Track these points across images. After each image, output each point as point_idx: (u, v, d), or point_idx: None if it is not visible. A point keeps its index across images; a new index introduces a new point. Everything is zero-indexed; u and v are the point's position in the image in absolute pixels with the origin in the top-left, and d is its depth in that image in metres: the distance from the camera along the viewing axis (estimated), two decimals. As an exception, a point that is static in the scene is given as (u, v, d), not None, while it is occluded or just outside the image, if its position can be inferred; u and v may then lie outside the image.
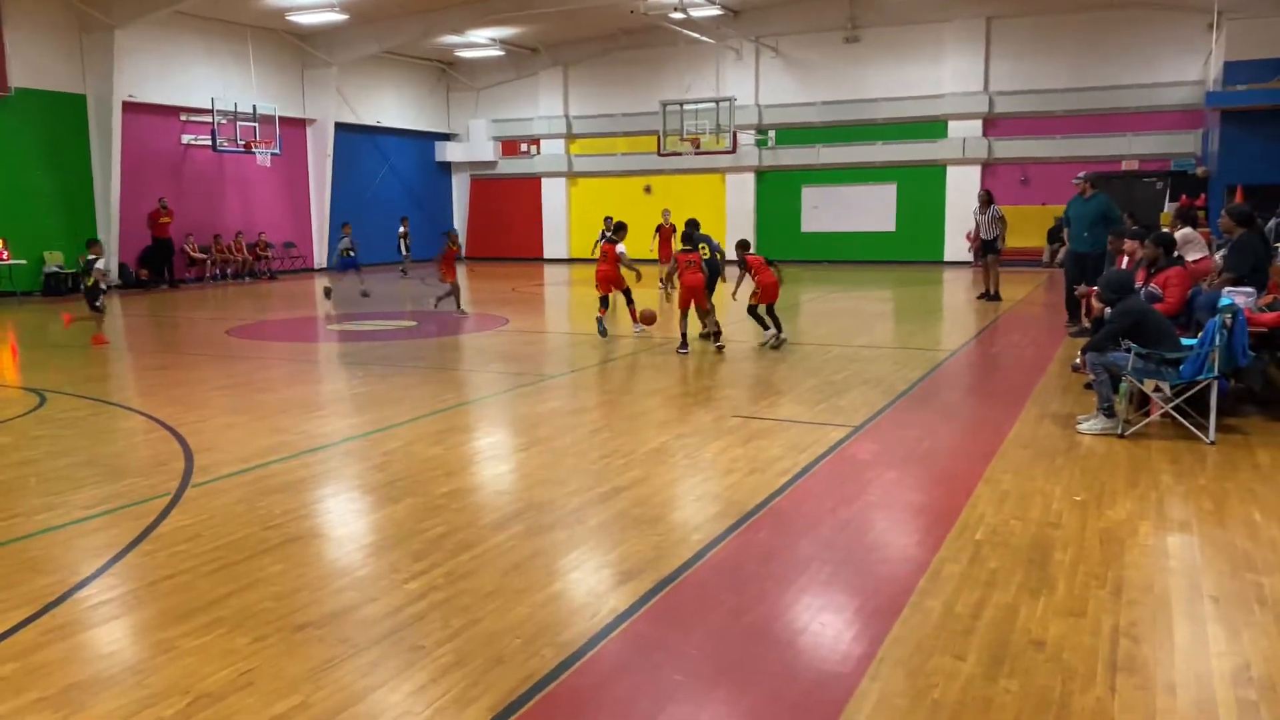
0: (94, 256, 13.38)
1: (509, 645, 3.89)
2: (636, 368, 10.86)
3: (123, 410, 8.80)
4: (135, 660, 3.81)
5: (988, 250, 17.55)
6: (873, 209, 28.07)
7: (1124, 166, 24.90)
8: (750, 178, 29.22)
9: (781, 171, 28.95)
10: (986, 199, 17.74)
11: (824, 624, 4.12)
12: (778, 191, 29.09)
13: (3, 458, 7.12)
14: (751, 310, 12.19)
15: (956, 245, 25.44)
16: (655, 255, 20.43)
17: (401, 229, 25.23)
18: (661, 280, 18.49)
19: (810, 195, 28.78)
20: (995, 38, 26.15)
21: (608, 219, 17.31)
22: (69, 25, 21.27)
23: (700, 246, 11.97)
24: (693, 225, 12.82)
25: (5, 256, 19.85)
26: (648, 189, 30.30)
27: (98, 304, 13.40)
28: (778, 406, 8.49)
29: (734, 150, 27.28)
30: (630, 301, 13.30)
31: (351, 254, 18.74)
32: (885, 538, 5.28)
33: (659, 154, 27.91)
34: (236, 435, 7.69)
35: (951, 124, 26.76)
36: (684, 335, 11.60)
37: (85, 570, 4.81)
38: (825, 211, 28.60)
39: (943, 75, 26.65)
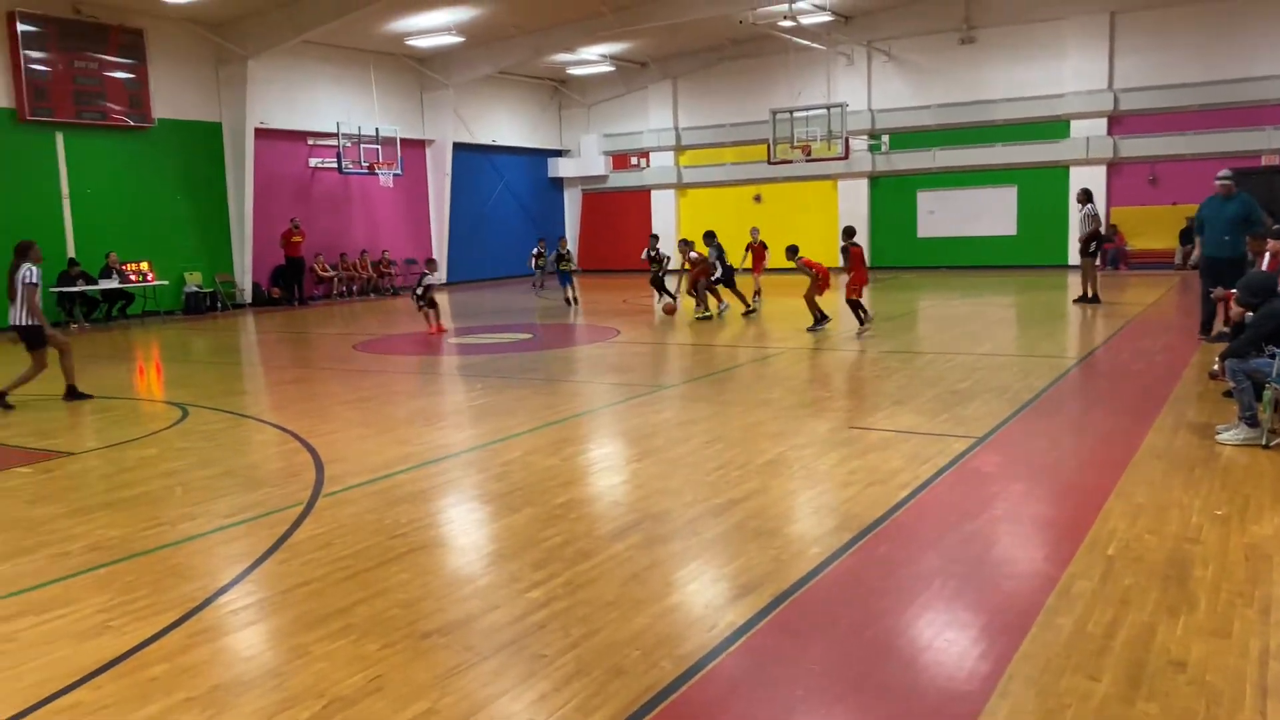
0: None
1: (629, 656, 3.92)
2: (748, 378, 10.80)
3: (258, 423, 9.22)
4: (273, 664, 3.98)
5: (1082, 250, 17.12)
6: (992, 212, 27.29)
7: (1264, 161, 23.58)
8: (863, 183, 28.79)
9: (896, 176, 28.43)
10: (1084, 197, 17.20)
11: (949, 640, 4.02)
12: (892, 197, 28.58)
13: (150, 468, 7.55)
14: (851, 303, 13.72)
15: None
16: (749, 265, 20.03)
17: (536, 249, 26.06)
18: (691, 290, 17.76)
19: (926, 200, 28.17)
20: (1119, 32, 25.14)
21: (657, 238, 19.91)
22: (206, 58, 22.49)
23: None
24: (708, 237, 16.87)
25: (150, 278, 21.05)
26: (757, 198, 30.19)
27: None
28: (897, 417, 8.33)
29: (846, 156, 26.94)
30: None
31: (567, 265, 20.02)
32: (1011, 552, 5.12)
33: (769, 162, 27.76)
34: (364, 447, 7.97)
35: (1074, 123, 25.82)
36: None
37: (226, 577, 5.06)
38: (942, 216, 27.95)
39: (1064, 73, 25.74)
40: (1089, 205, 16.90)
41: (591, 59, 29.18)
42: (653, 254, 18.40)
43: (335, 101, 25.29)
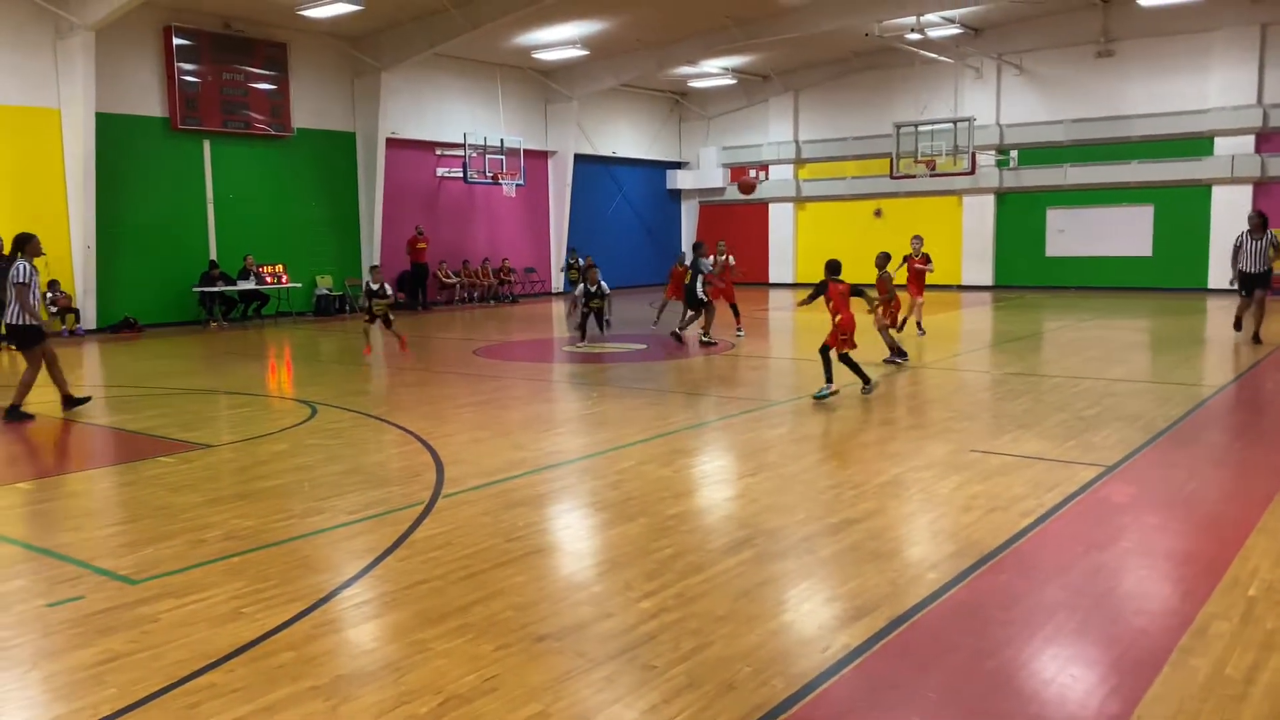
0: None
1: (740, 672, 3.90)
2: (863, 396, 10.62)
3: (382, 423, 9.52)
4: (393, 658, 4.10)
5: (1256, 284, 14.55)
6: (1126, 232, 26.19)
7: None
8: (989, 200, 28.02)
9: (1024, 193, 27.58)
10: (1261, 223, 14.74)
11: (1074, 676, 3.86)
12: (1019, 214, 27.73)
13: (281, 463, 7.88)
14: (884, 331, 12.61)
15: (1224, 272, 23.29)
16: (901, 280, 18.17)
17: (569, 261, 25.86)
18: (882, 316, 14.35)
19: (1056, 218, 27.23)
20: (1271, 45, 23.84)
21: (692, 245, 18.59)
22: (342, 71, 23.43)
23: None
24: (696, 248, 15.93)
25: (284, 280, 22.01)
26: (878, 212, 29.72)
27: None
28: (1021, 442, 8.06)
29: (973, 171, 26.27)
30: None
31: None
32: (1143, 587, 4.89)
33: (891, 176, 27.32)
34: (482, 450, 8.15)
35: (1218, 140, 24.59)
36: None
37: (350, 570, 5.24)
38: (1072, 235, 26.96)
39: (1208, 87, 24.56)
40: (1269, 233, 14.66)
41: (713, 72, 29.25)
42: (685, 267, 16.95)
43: (463, 113, 26.01)
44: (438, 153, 25.81)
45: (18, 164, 18.05)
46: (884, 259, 13.26)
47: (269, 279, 21.71)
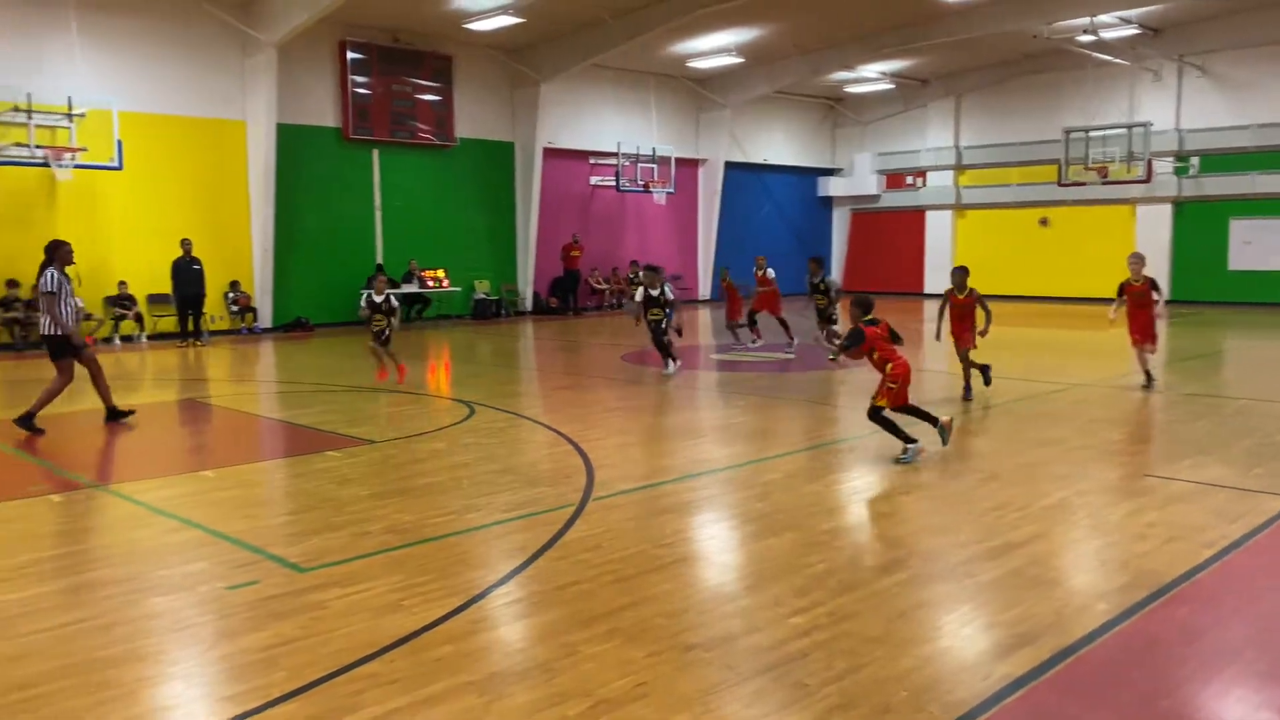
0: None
1: (895, 696, 3.77)
2: (1028, 414, 10.16)
3: (535, 424, 9.73)
4: (545, 658, 4.16)
5: None
6: (1321, 244, 24.23)
7: None
8: (1166, 209, 26.41)
9: (1205, 202, 25.87)
10: None
11: (1265, 726, 3.57)
12: (1200, 224, 26.02)
13: (439, 460, 8.15)
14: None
15: None
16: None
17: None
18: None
19: (1241, 229, 25.41)
20: None
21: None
22: (503, 83, 24.16)
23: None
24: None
25: (445, 284, 22.83)
26: (1044, 221, 28.46)
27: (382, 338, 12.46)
28: (1202, 468, 7.53)
29: (1148, 179, 24.82)
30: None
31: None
32: (1345, 633, 4.48)
33: (1059, 184, 26.13)
34: (630, 455, 8.21)
35: None
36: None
37: (504, 568, 5.35)
38: (1260, 246, 25.08)
39: None
40: None
41: (870, 77, 28.69)
42: (818, 283, 15.28)
43: (616, 122, 26.37)
44: (592, 161, 26.25)
45: (206, 172, 19.35)
46: (963, 272, 10.95)
47: (430, 283, 22.57)
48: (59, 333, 9.41)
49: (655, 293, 13.12)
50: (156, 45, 18.56)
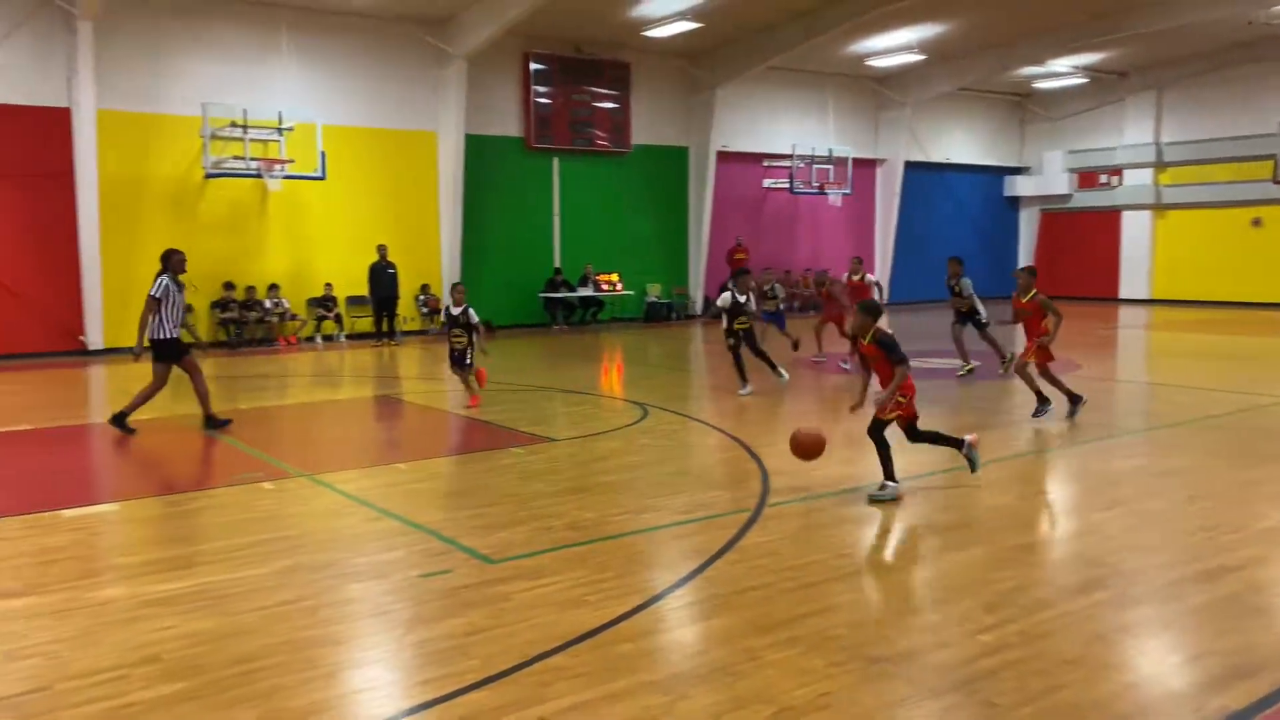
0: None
1: (1096, 723, 3.58)
2: (1241, 428, 9.41)
3: (708, 427, 9.76)
4: (725, 662, 4.16)
5: None
6: None
7: None
8: (1402, 207, 23.95)
9: None
10: None
11: None
12: None
13: (616, 460, 8.30)
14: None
15: None
16: None
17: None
18: None
19: None
20: None
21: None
22: (679, 88, 24.37)
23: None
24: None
25: (619, 287, 23.24)
26: (1256, 221, 26.31)
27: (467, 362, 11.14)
28: None
29: (1381, 174, 22.58)
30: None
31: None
32: None
33: (1274, 181, 24.10)
34: (810, 461, 8.11)
35: None
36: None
37: (682, 570, 5.39)
38: None
39: None
40: None
41: (1062, 71, 27.28)
42: (955, 286, 14.08)
43: (792, 124, 26.13)
44: (765, 164, 26.11)
45: (400, 181, 20.42)
46: (1029, 273, 10.10)
47: (605, 286, 23.02)
48: (167, 337, 9.66)
49: (743, 299, 12.07)
50: (357, 62, 19.73)
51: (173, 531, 6.33)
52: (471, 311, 10.89)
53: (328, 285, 19.55)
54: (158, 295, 9.55)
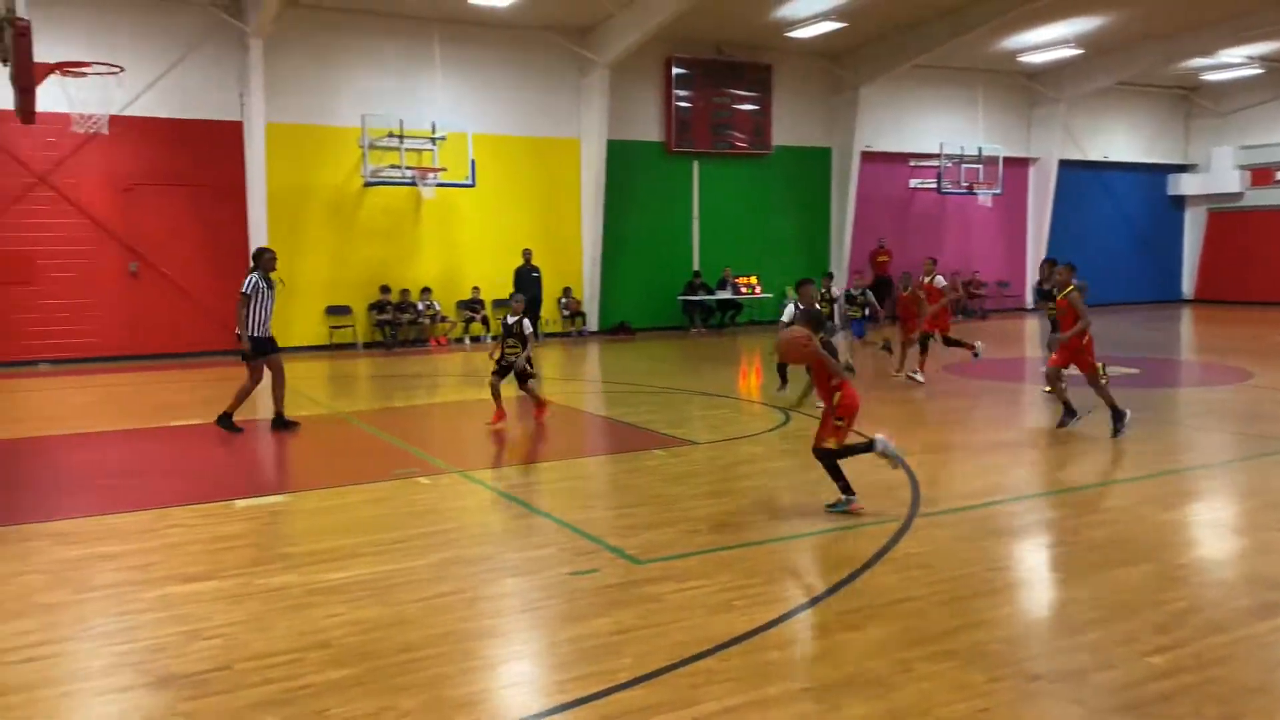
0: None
1: (1282, 757, 3.37)
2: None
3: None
4: (880, 673, 4.09)
5: None
6: None
7: None
8: None
9: None
10: None
11: None
12: None
13: (757, 465, 8.28)
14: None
15: None
16: None
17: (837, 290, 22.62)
18: None
19: None
20: None
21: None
22: (822, 89, 24.08)
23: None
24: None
25: (757, 290, 23.13)
26: None
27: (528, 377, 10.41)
28: None
29: None
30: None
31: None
32: None
33: None
34: (956, 471, 7.91)
35: None
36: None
37: (830, 578, 5.34)
38: None
39: None
40: None
41: (1233, 62, 25.64)
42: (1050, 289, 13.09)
43: (938, 122, 25.45)
44: (911, 164, 25.51)
45: (544, 187, 20.89)
46: (1069, 269, 9.69)
47: (744, 289, 22.94)
48: (258, 334, 9.91)
49: (812, 308, 11.21)
50: (504, 72, 20.30)
51: (336, 522, 6.66)
52: (526, 323, 10.36)
53: (475, 288, 20.16)
54: (247, 292, 9.84)
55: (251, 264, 10.19)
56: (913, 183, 25.64)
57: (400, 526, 6.46)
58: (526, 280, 19.45)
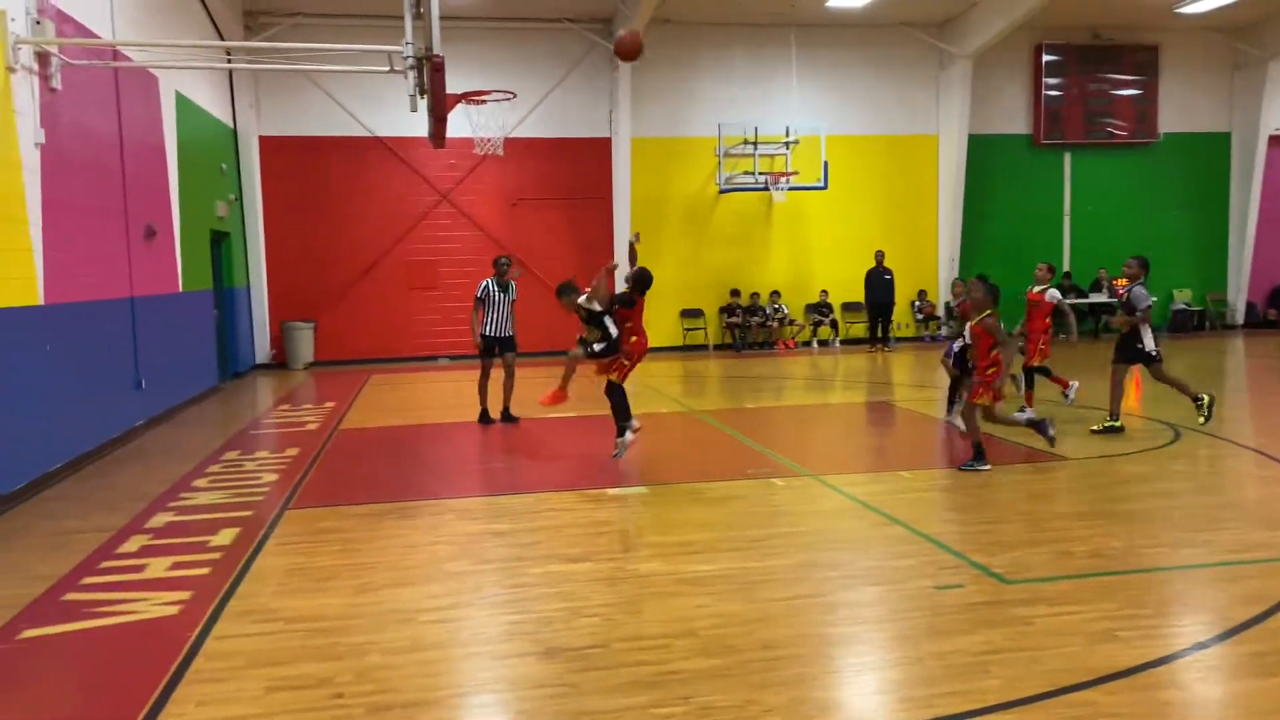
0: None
1: None
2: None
3: (1261, 457, 8.47)
4: (1301, 730, 3.59)
5: None
6: None
7: None
8: None
9: None
10: None
11: None
12: None
13: (1144, 486, 7.52)
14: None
15: None
16: None
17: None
18: None
19: None
20: None
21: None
22: (1221, 66, 21.45)
23: None
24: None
25: (1137, 294, 21.03)
26: None
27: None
28: None
29: None
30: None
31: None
32: None
33: None
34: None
35: None
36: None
37: (1236, 616, 4.72)
38: None
39: None
40: None
41: None
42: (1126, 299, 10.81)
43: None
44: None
45: (898, 187, 20.42)
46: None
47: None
48: (490, 334, 11.03)
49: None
50: (859, 71, 20.09)
51: (698, 516, 6.92)
52: (597, 306, 9.22)
53: (823, 292, 20.12)
54: (480, 296, 11.00)
55: (494, 270, 11.14)
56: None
57: (758, 525, 6.59)
58: (878, 283, 19.13)
